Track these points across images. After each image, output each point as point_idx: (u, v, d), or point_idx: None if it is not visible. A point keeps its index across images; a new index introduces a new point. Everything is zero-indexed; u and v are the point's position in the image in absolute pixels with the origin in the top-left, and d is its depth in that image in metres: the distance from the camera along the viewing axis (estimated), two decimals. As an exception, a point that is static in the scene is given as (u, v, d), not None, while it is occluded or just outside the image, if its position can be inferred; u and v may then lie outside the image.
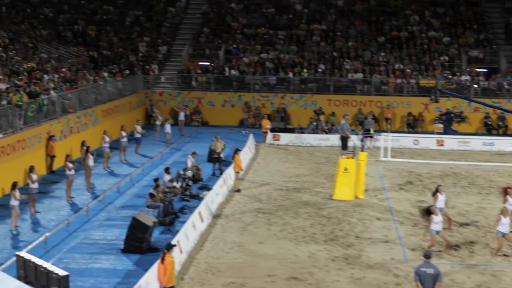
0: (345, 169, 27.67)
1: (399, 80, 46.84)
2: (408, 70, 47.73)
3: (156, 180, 25.90)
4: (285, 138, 40.69)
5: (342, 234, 22.97)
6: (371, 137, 39.11)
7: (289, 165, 34.83)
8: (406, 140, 40.12)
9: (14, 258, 18.47)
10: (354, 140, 33.78)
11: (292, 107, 46.55)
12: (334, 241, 22.17)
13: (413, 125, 45.25)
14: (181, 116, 44.06)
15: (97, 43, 51.82)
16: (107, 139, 33.43)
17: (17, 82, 33.69)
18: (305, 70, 47.90)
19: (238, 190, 28.68)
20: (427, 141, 40.24)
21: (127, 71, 47.04)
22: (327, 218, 25.02)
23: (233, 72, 48.40)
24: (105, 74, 43.56)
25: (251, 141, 37.43)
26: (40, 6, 54.95)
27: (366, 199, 27.96)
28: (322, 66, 48.34)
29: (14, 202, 23.09)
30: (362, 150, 29.31)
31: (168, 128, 39.55)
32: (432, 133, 43.60)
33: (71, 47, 49.90)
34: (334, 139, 38.59)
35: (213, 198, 25.92)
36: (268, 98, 47.02)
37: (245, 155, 33.81)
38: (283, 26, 53.69)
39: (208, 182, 30.29)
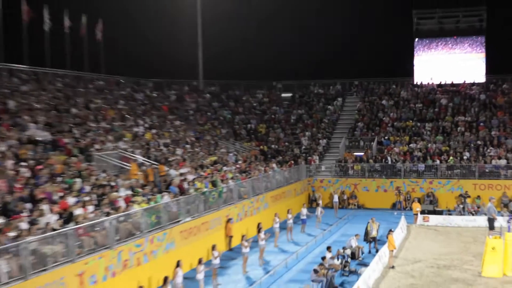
0: (493, 248, 26.59)
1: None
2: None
3: (323, 258, 26.02)
4: (434, 219, 39.44)
5: (492, 310, 21.96)
6: (516, 218, 37.33)
7: (438, 244, 33.70)
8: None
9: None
10: (500, 222, 32.57)
11: (439, 191, 45.28)
12: (484, 316, 21.21)
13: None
14: (335, 198, 44.03)
15: (267, 139, 53.32)
16: (277, 220, 34.04)
17: (202, 173, 35.27)
18: (451, 158, 46.75)
19: (393, 267, 28.12)
20: None
21: (292, 162, 47.96)
22: (477, 294, 24.03)
23: (385, 161, 48.10)
24: (274, 165, 44.65)
25: (403, 222, 36.65)
26: (220, 109, 57.59)
27: (514, 276, 26.49)
28: (467, 154, 46.97)
29: (200, 276, 23.96)
30: (508, 231, 28.06)
31: (318, 210, 39.51)
32: None
33: (245, 142, 51.69)
34: (480, 221, 37.25)
35: (370, 274, 25.56)
36: (417, 183, 46.09)
37: (398, 235, 33.11)
38: (430, 119, 53.02)
39: (365, 260, 29.95)
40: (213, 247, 26.06)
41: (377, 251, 30.77)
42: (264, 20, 63.74)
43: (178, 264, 22.68)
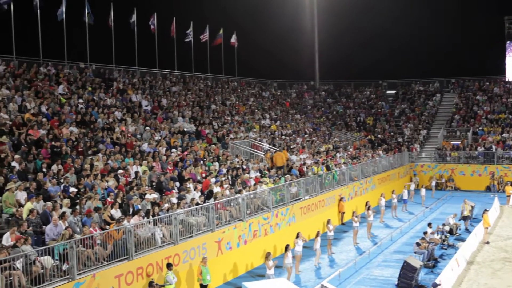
0: None
1: None
2: None
3: (425, 233, 25.10)
4: (526, 201, 37.00)
5: None
6: None
7: (530, 223, 31.58)
8: None
9: (318, 286, 18.86)
10: None
11: (530, 176, 42.45)
12: None
13: None
14: (433, 183, 42.27)
15: (374, 129, 52.08)
16: (382, 200, 33.15)
17: (318, 159, 34.90)
18: (541, 146, 43.69)
19: (487, 242, 26.57)
20: None
21: (396, 149, 46.55)
22: None
23: (479, 149, 45.59)
24: (380, 152, 43.53)
25: (496, 203, 34.56)
26: (333, 104, 56.90)
27: None
28: (556, 143, 43.75)
29: (317, 246, 23.67)
30: None
31: (423, 191, 38.18)
32: None
33: (355, 133, 50.79)
34: None
35: (467, 248, 24.32)
36: (510, 169, 43.27)
37: (492, 214, 31.26)
38: (521, 112, 49.81)
39: (462, 236, 28.51)
40: (328, 222, 25.73)
41: (466, 229, 29.55)
42: (369, 27, 62.19)
43: (297, 236, 22.51)
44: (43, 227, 16.98)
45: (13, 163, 19.83)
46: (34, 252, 14.94)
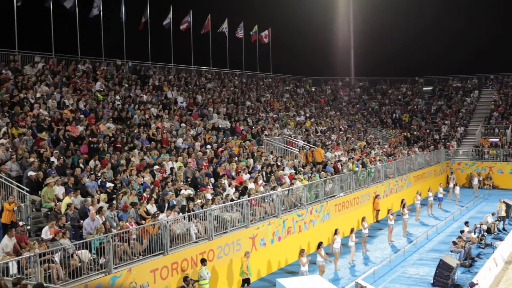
0: None
1: None
2: None
3: (462, 231, 24.68)
4: None
5: None
6: None
7: None
8: None
9: (352, 284, 18.72)
10: None
11: None
12: None
13: None
14: (475, 181, 41.37)
15: (409, 126, 51.40)
16: (418, 197, 32.69)
17: (353, 155, 34.59)
18: None
19: (527, 242, 25.98)
20: None
21: (432, 147, 45.82)
22: None
23: (519, 146, 44.60)
24: (416, 149, 42.90)
25: (536, 202, 33.73)
26: (369, 101, 56.26)
27: None
28: None
29: (351, 243, 23.51)
30: None
31: (457, 190, 37.49)
32: None
33: (390, 130, 50.18)
34: None
35: (505, 247, 23.80)
36: (550, 167, 42.36)
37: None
38: (563, 109, 48.41)
39: (500, 235, 27.91)
40: (363, 219, 25.54)
41: (503, 229, 28.99)
42: (405, 24, 61.21)
43: (336, 232, 22.41)
44: (81, 221, 17.26)
45: (52, 158, 20.21)
46: (72, 246, 15.19)
